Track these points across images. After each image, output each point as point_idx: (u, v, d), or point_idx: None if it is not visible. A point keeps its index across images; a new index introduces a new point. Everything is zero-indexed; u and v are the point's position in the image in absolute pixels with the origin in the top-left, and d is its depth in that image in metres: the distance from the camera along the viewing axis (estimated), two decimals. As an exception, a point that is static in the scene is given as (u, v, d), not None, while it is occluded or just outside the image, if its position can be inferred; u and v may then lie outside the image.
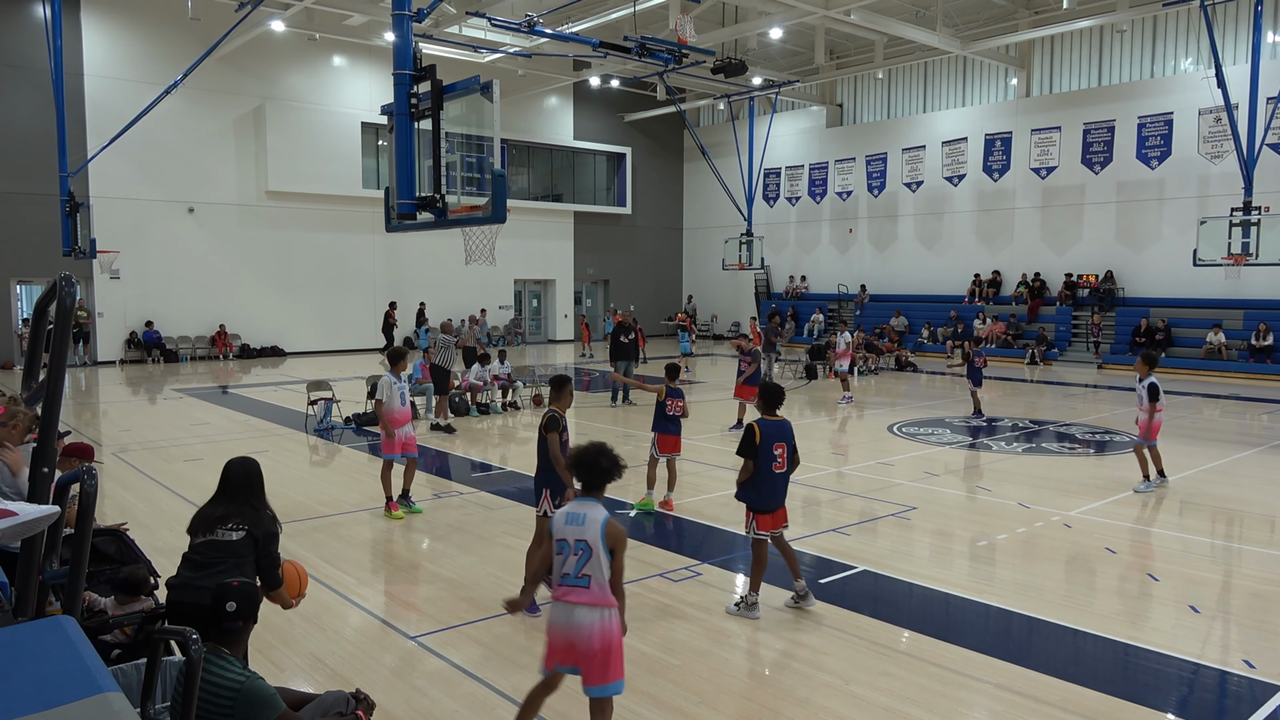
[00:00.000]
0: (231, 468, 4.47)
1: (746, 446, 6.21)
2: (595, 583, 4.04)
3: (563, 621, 4.09)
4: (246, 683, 3.31)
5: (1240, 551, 8.14)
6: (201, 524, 4.33)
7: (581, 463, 4.22)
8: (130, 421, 15.50)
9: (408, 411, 9.28)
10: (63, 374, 2.75)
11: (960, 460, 12.10)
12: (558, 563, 4.12)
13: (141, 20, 24.44)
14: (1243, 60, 22.21)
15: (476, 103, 7.64)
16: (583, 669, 4.07)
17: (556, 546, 4.13)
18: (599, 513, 4.13)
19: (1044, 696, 5.09)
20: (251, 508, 4.37)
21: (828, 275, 32.89)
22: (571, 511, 4.16)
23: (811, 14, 22.14)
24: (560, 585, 4.12)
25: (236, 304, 26.56)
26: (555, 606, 4.15)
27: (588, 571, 4.04)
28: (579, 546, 4.07)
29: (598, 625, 4.03)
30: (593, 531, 4.06)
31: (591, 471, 4.20)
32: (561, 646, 4.11)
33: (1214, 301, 23.56)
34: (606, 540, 4.06)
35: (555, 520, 4.19)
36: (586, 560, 4.04)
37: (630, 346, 17.01)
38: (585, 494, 4.24)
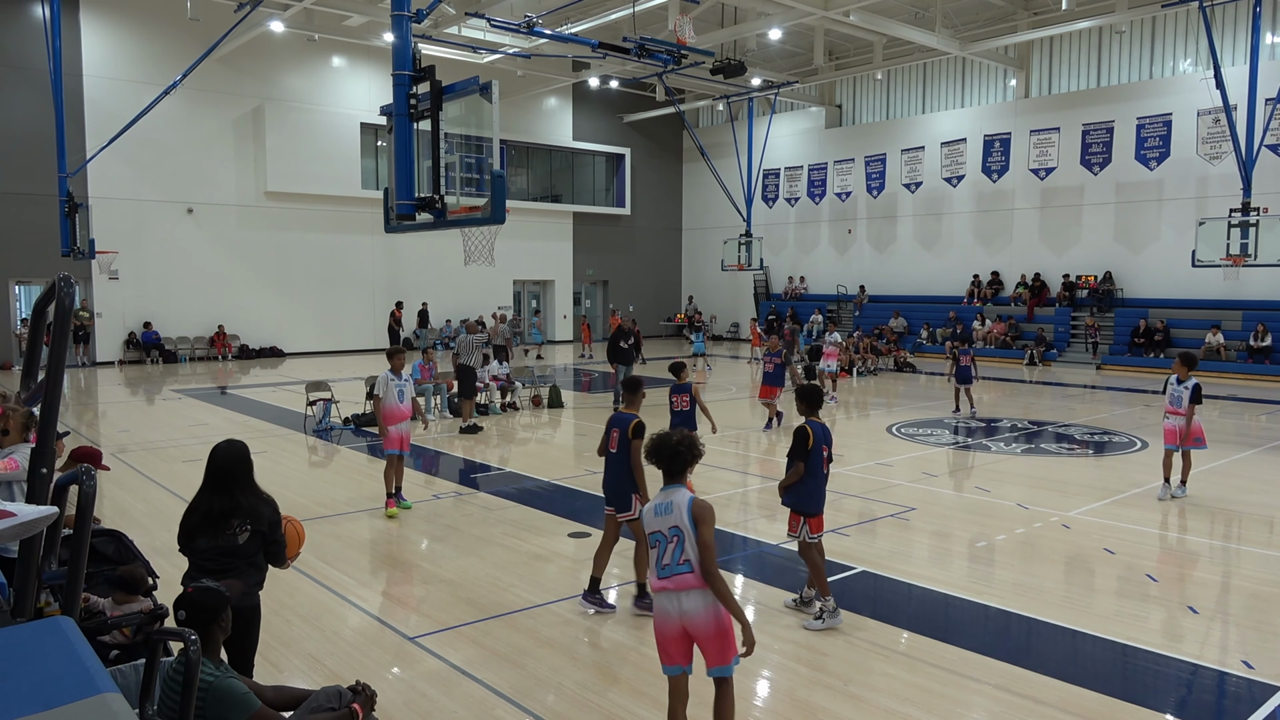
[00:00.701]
0: (219, 454, 4.36)
1: (800, 449, 6.14)
2: (695, 564, 4.08)
3: (674, 611, 4.10)
4: (215, 682, 3.29)
5: (1239, 552, 8.14)
6: (204, 523, 4.27)
7: (661, 452, 4.27)
8: (129, 422, 15.49)
9: (407, 409, 9.32)
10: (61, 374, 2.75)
11: (959, 461, 12.11)
12: (654, 556, 4.14)
13: (140, 21, 24.43)
14: (1241, 61, 22.24)
15: (475, 103, 7.64)
16: (703, 651, 4.15)
17: (651, 540, 4.16)
18: (683, 495, 4.19)
19: (1043, 697, 5.09)
20: (251, 496, 4.33)
21: (827, 276, 32.89)
22: (658, 503, 4.20)
23: (810, 15, 22.15)
24: (661, 578, 4.12)
25: (235, 305, 26.55)
26: (662, 599, 4.14)
27: (688, 556, 4.08)
28: (673, 533, 4.11)
29: (710, 605, 4.08)
30: (681, 515, 4.11)
31: (672, 459, 4.25)
32: (675, 636, 4.14)
33: (1212, 302, 23.58)
34: (693, 517, 4.10)
35: (645, 517, 4.23)
36: (683, 545, 4.09)
37: (629, 351, 16.85)
38: (669, 481, 4.26)
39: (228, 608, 3.52)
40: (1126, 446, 13.08)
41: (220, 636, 3.50)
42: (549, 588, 6.93)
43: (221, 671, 3.39)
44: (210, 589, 3.52)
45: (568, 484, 10.68)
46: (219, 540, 4.27)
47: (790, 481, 6.22)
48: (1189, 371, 9.69)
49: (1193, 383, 9.57)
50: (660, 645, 4.20)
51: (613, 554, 6.71)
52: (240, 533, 4.28)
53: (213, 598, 3.49)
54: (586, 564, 7.53)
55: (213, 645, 3.44)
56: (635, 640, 5.89)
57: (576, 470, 11.42)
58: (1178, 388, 9.68)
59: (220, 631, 3.49)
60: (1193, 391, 9.54)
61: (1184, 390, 9.59)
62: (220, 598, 3.50)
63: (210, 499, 4.31)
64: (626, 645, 5.84)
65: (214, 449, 4.43)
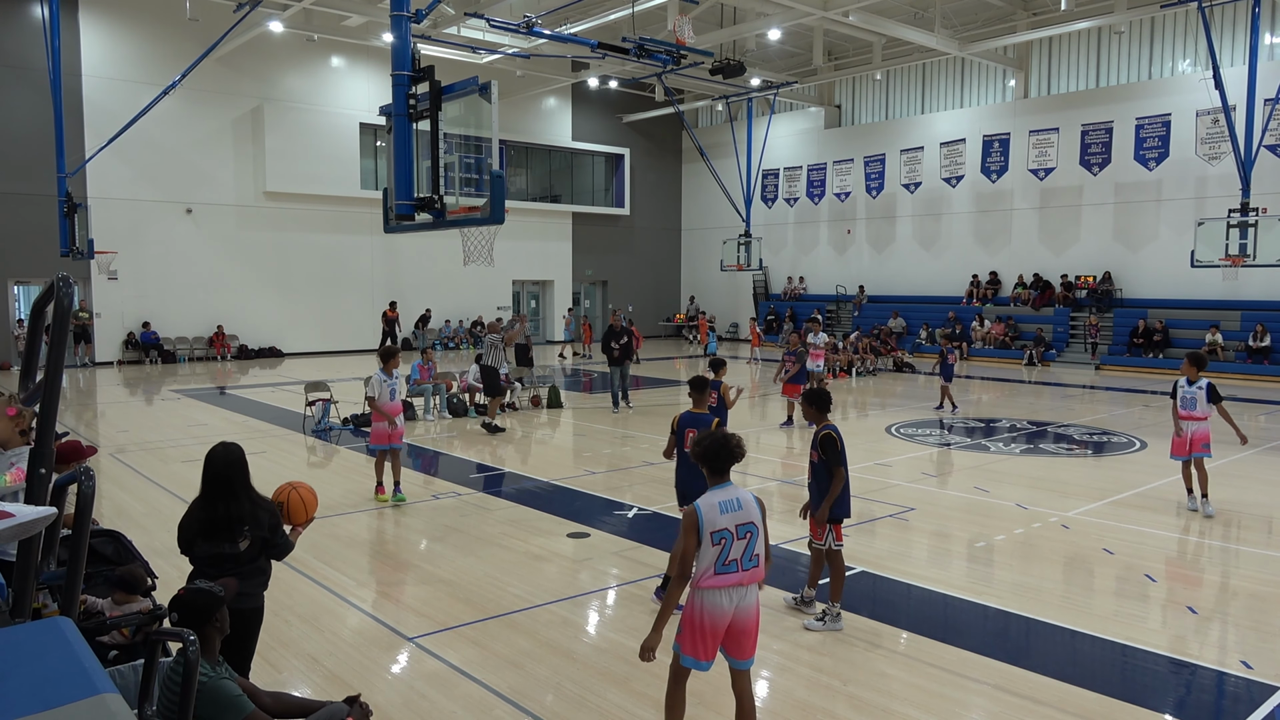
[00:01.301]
0: (215, 459, 4.32)
1: (833, 455, 6.02)
2: (762, 559, 4.17)
3: (729, 606, 4.12)
4: (209, 682, 3.29)
5: (1237, 552, 8.15)
6: (204, 532, 4.25)
7: (710, 452, 4.21)
8: (128, 422, 15.48)
9: (397, 406, 9.69)
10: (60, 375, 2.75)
11: (958, 461, 12.11)
12: (716, 553, 4.07)
13: (140, 21, 24.42)
14: (1240, 62, 22.25)
15: (475, 103, 7.65)
16: (739, 645, 4.21)
17: (714, 538, 4.08)
18: (746, 493, 4.22)
19: (1042, 697, 5.09)
20: (248, 502, 4.30)
21: (826, 276, 32.90)
22: (722, 500, 4.14)
23: (810, 15, 22.16)
24: (722, 573, 4.09)
25: (234, 305, 26.54)
26: (719, 594, 4.11)
27: (758, 552, 4.15)
28: (744, 530, 4.11)
29: (758, 602, 4.23)
30: (753, 511, 4.16)
31: (720, 458, 4.21)
32: (719, 632, 4.15)
33: (1211, 302, 23.59)
34: (763, 514, 4.21)
35: (705, 514, 4.09)
36: (755, 541, 4.14)
37: (621, 352, 16.64)
38: (719, 480, 4.22)
39: (222, 607, 3.51)
40: (1125, 447, 13.09)
41: (216, 637, 3.49)
42: (548, 588, 6.93)
43: (216, 672, 3.39)
44: (202, 590, 3.51)
45: (567, 484, 10.68)
46: (219, 548, 4.26)
47: (837, 491, 6.04)
48: (1199, 372, 9.19)
49: (1205, 383, 9.15)
50: (701, 642, 4.15)
51: (610, 554, 6.71)
52: (241, 539, 4.27)
53: (204, 598, 3.48)
54: (586, 564, 7.54)
55: (208, 645, 3.44)
56: (635, 640, 5.89)
57: (576, 470, 11.42)
58: (1189, 389, 9.19)
59: (216, 632, 3.48)
60: (1209, 391, 9.09)
61: (1197, 391, 9.11)
62: (213, 598, 3.49)
63: (208, 507, 4.28)
64: (626, 645, 5.84)
65: (210, 453, 4.39)
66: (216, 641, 3.51)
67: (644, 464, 11.84)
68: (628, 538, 8.33)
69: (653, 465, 11.78)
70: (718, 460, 4.21)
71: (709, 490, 4.20)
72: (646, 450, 12.75)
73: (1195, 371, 9.18)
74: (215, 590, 3.52)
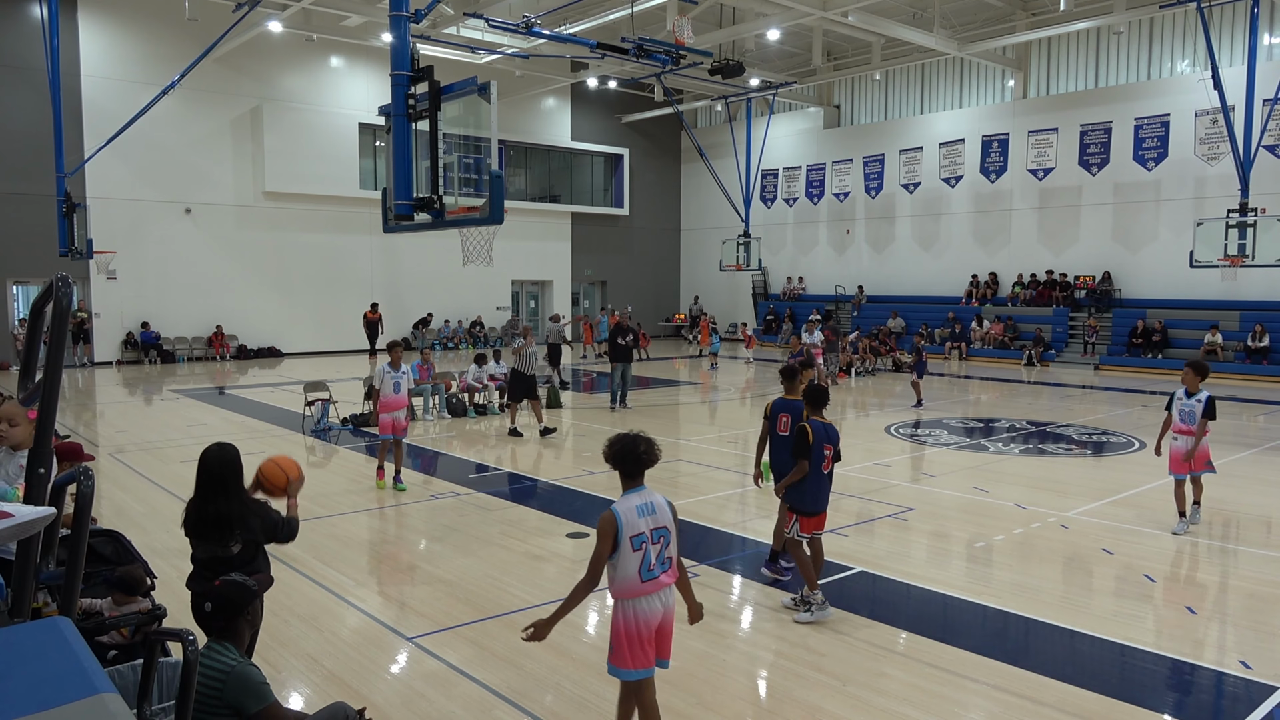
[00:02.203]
0: (209, 459, 4.35)
1: (801, 447, 6.26)
2: (674, 561, 4.23)
3: (660, 608, 4.16)
4: (238, 667, 3.39)
5: (1236, 552, 8.15)
6: (197, 530, 4.29)
7: (624, 454, 4.20)
8: (127, 422, 15.48)
9: (401, 399, 10.11)
10: (59, 375, 2.75)
11: (957, 461, 12.11)
12: (638, 560, 4.07)
13: (139, 21, 24.40)
14: (1239, 62, 22.26)
15: (474, 104, 7.65)
16: (665, 645, 4.24)
17: (634, 543, 4.06)
18: (660, 497, 4.25)
19: (1041, 697, 5.09)
20: (239, 504, 4.31)
21: (825, 276, 32.90)
22: (639, 504, 4.14)
23: (809, 15, 22.16)
24: (647, 580, 4.10)
25: (234, 305, 26.53)
26: (649, 600, 4.12)
27: (669, 554, 4.20)
28: (658, 535, 4.15)
29: (675, 600, 4.27)
30: (666, 515, 4.20)
31: (636, 460, 4.19)
32: (655, 634, 4.17)
33: (1210, 302, 23.60)
34: (675, 518, 4.27)
35: (625, 517, 4.08)
36: (668, 544, 4.18)
37: (627, 348, 16.96)
38: (632, 484, 4.22)
39: (255, 600, 3.60)
40: (1124, 447, 13.10)
41: (246, 629, 3.59)
42: (547, 588, 6.93)
43: (244, 659, 3.47)
44: (238, 582, 3.60)
45: (566, 484, 10.68)
46: (213, 550, 4.29)
47: (793, 479, 6.32)
48: (1201, 382, 8.34)
49: (1205, 395, 8.25)
50: (640, 651, 4.12)
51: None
52: (233, 543, 4.29)
53: (240, 592, 3.57)
54: (584, 564, 7.52)
55: (238, 636, 3.53)
56: (633, 640, 5.89)
57: (575, 470, 11.42)
58: (1188, 401, 8.34)
59: (247, 625, 3.58)
60: (1206, 406, 8.22)
61: (1196, 404, 8.27)
62: (247, 591, 3.59)
63: (201, 507, 4.31)
64: (625, 645, 5.84)
65: (204, 452, 4.40)
66: (246, 634, 3.60)
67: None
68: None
69: (652, 465, 11.77)
70: (627, 463, 4.19)
71: (624, 494, 4.19)
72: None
73: (1197, 381, 8.36)
74: (250, 584, 3.61)
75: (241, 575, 3.66)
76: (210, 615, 3.49)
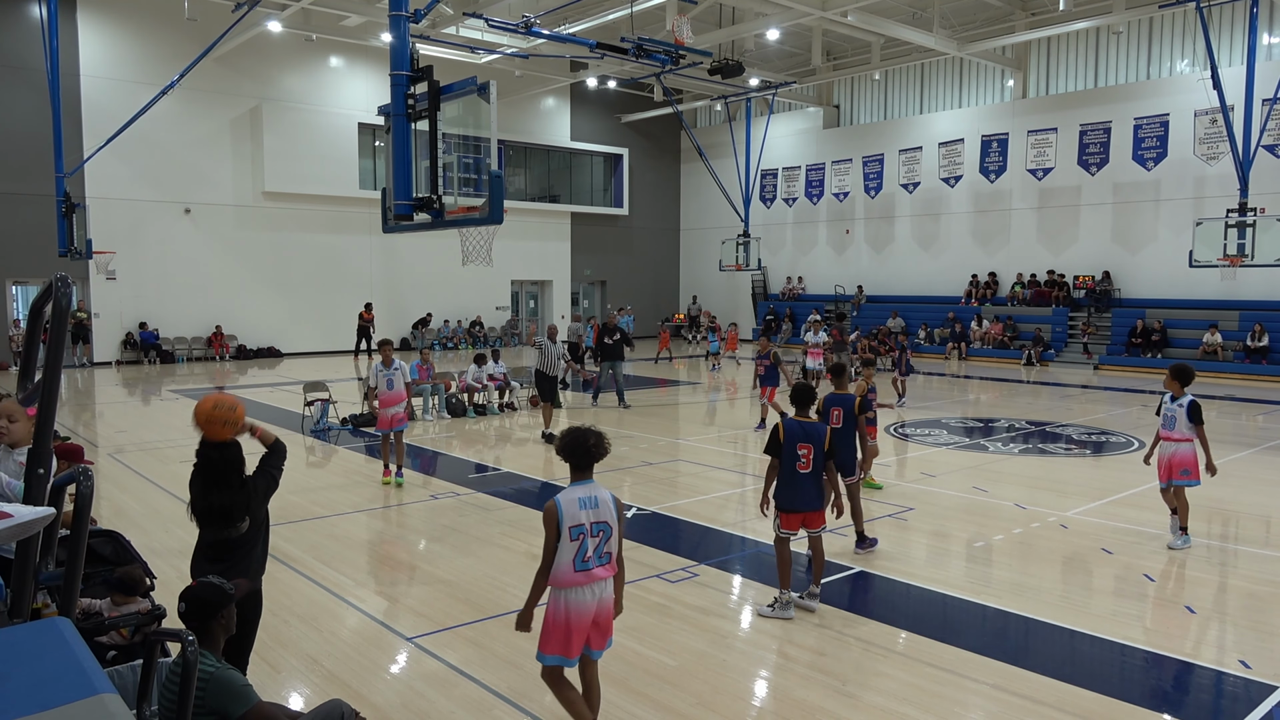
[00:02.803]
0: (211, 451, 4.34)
1: (772, 445, 6.33)
2: (613, 556, 4.29)
3: (592, 600, 4.21)
4: (216, 672, 3.32)
5: (1236, 552, 8.15)
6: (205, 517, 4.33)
7: (573, 448, 4.29)
8: (126, 422, 15.47)
9: (397, 394, 10.40)
10: (59, 375, 2.75)
11: (957, 461, 12.11)
12: (574, 550, 4.16)
13: (138, 21, 24.40)
14: (1238, 62, 22.26)
15: (473, 104, 7.65)
16: (601, 635, 4.30)
17: (572, 533, 4.16)
18: (605, 492, 4.31)
19: (1040, 697, 5.09)
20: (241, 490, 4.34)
21: (825, 276, 32.91)
22: (581, 496, 4.23)
23: (808, 15, 22.17)
24: (581, 570, 4.17)
25: (233, 305, 26.52)
26: (582, 591, 4.18)
27: (609, 549, 4.26)
28: (598, 528, 4.21)
29: (612, 592, 4.33)
30: (609, 510, 4.26)
31: (585, 454, 4.28)
32: (587, 625, 4.21)
33: (1210, 302, 23.61)
34: (619, 514, 4.31)
35: (565, 509, 4.19)
36: (608, 539, 4.24)
37: (616, 346, 17.05)
38: (580, 477, 4.31)
39: (230, 604, 3.53)
40: (1124, 446, 13.10)
41: (221, 634, 3.51)
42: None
43: (221, 664, 3.41)
44: (214, 585, 3.53)
45: (566, 483, 10.67)
46: (219, 534, 4.32)
47: (769, 477, 6.37)
48: (1183, 387, 8.09)
49: (1188, 399, 8.01)
50: (566, 640, 4.18)
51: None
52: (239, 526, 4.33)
53: (215, 594, 3.50)
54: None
55: (212, 640, 3.46)
56: (633, 640, 5.90)
57: (574, 470, 11.41)
58: (1171, 406, 8.12)
59: (221, 629, 3.50)
60: (1189, 409, 7.95)
61: (1178, 409, 8.02)
62: (222, 594, 3.51)
63: (205, 498, 4.32)
64: (624, 645, 5.84)
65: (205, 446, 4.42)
66: (221, 638, 3.53)
67: (643, 464, 11.84)
68: (626, 538, 8.30)
69: (651, 465, 11.78)
70: (576, 456, 4.28)
71: (570, 485, 4.29)
72: (645, 450, 12.76)
73: (1179, 386, 8.08)
74: (226, 587, 3.54)
75: (219, 578, 3.62)
76: (183, 617, 3.43)
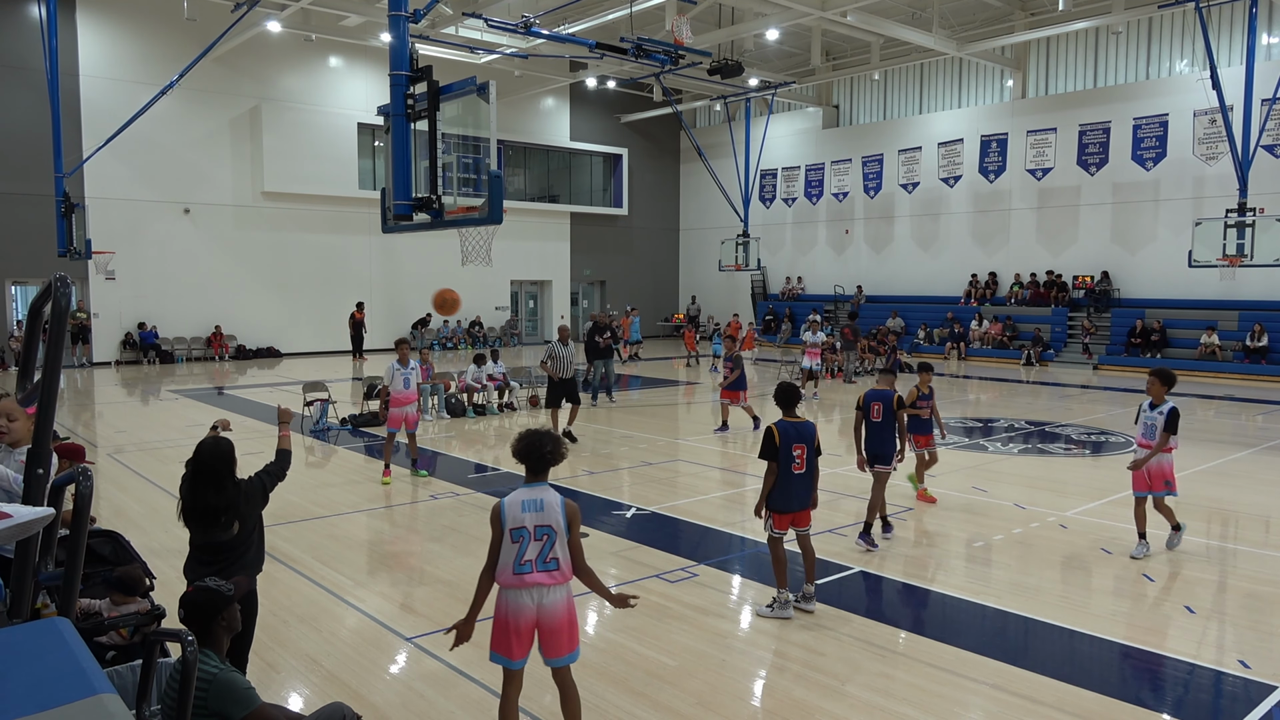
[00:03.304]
0: (204, 450, 4.43)
1: (768, 449, 6.24)
2: (563, 563, 4.18)
3: (531, 605, 4.16)
4: (219, 674, 3.32)
5: (1235, 552, 8.16)
6: (193, 517, 4.37)
7: (527, 451, 4.25)
8: (125, 422, 15.47)
9: (410, 394, 10.69)
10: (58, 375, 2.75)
11: (956, 461, 12.11)
12: (514, 551, 4.14)
13: (137, 21, 24.39)
14: (1238, 62, 22.27)
15: (473, 104, 7.64)
16: (549, 644, 4.22)
17: (513, 535, 4.14)
18: (554, 495, 4.23)
19: (1040, 697, 5.10)
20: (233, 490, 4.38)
21: (824, 276, 32.91)
22: (526, 499, 4.18)
23: (808, 15, 22.17)
24: (520, 573, 4.14)
25: (232, 305, 26.51)
26: (519, 594, 4.15)
27: (556, 554, 4.16)
28: (541, 532, 4.15)
29: (565, 600, 4.22)
30: (554, 515, 4.17)
31: (540, 459, 4.25)
32: (527, 630, 4.18)
33: (1209, 302, 23.62)
34: (567, 519, 4.19)
35: (508, 509, 4.17)
36: (553, 544, 4.16)
37: (606, 348, 17.09)
38: (533, 480, 4.27)
39: (230, 605, 3.53)
40: (1123, 446, 13.10)
41: (224, 635, 3.52)
42: (546, 588, 6.92)
43: (225, 665, 3.41)
44: (210, 588, 3.53)
45: (564, 484, 10.68)
46: (211, 536, 4.34)
47: (768, 481, 6.26)
48: (1166, 392, 7.68)
49: (1169, 407, 7.59)
50: (506, 640, 4.19)
51: (608, 554, 6.69)
52: (227, 529, 4.36)
53: (213, 597, 3.50)
54: (584, 564, 7.52)
55: (215, 641, 3.47)
56: (633, 640, 5.90)
57: (573, 471, 11.42)
58: (1151, 414, 7.72)
59: (224, 630, 3.51)
60: (1168, 418, 7.54)
61: (1158, 417, 7.63)
62: (220, 596, 3.51)
63: (193, 498, 4.36)
64: (624, 645, 5.84)
65: (199, 444, 4.48)
66: (225, 640, 3.53)
67: (641, 464, 11.84)
68: (626, 538, 8.33)
69: (650, 465, 11.78)
70: (530, 459, 4.26)
71: (520, 486, 4.27)
72: (644, 450, 12.76)
73: (1162, 392, 7.65)
74: (224, 589, 3.54)
75: (216, 580, 3.62)
76: (184, 622, 3.44)
